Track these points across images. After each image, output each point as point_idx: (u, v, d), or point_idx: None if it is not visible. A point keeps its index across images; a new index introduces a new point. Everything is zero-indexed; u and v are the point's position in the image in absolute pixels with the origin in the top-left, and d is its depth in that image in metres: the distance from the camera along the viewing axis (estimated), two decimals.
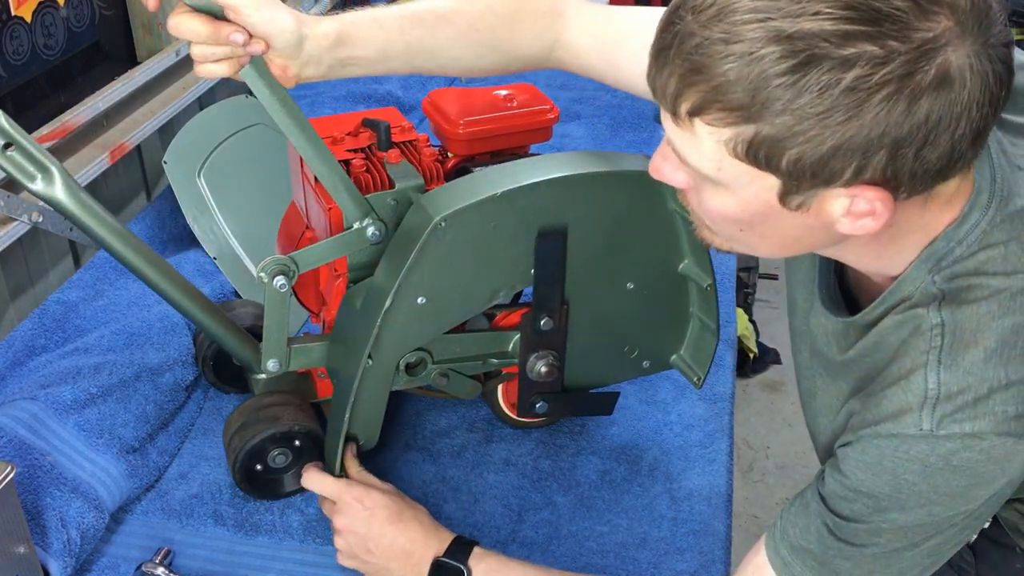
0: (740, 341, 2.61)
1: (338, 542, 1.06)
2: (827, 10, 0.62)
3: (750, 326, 2.73)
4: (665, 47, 0.69)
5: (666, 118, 0.72)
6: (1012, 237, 0.74)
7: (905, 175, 0.66)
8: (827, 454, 0.87)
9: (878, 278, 0.82)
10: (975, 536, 1.04)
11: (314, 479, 1.09)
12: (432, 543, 1.02)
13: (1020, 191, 0.75)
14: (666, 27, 0.69)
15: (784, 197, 0.70)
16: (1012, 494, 0.79)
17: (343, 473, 1.10)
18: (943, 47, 0.62)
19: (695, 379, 1.20)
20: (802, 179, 0.67)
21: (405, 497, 1.07)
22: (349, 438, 1.10)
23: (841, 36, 0.61)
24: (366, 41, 0.94)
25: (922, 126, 0.63)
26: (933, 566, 0.81)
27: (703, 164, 0.71)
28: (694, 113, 0.68)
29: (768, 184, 0.69)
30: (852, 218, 0.70)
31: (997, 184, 0.75)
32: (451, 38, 0.99)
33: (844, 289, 0.89)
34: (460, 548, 1.01)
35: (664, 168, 0.78)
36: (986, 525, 1.02)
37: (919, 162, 0.65)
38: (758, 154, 0.67)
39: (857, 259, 0.81)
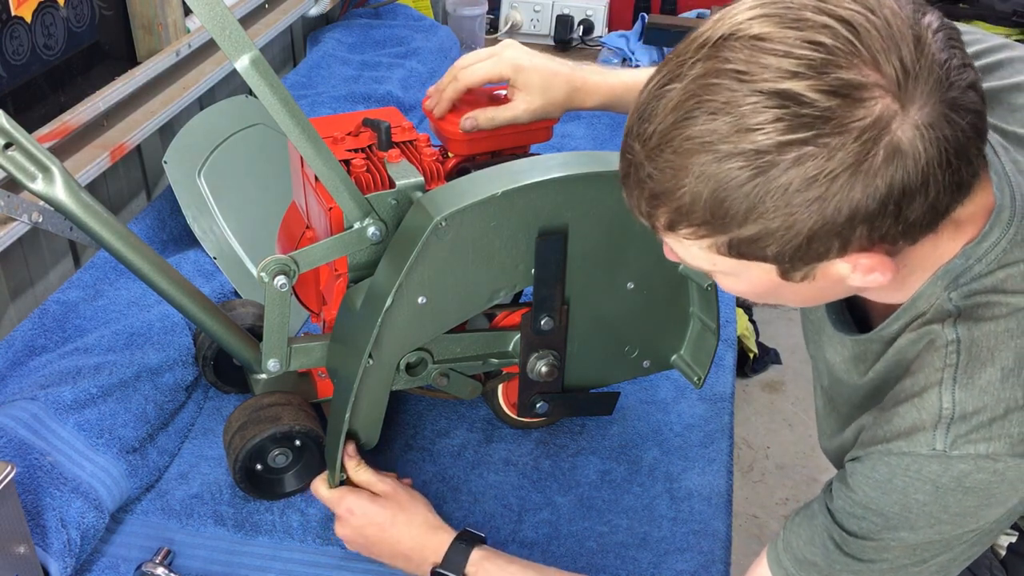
0: (740, 341, 2.61)
1: (348, 547, 1.08)
2: (760, 126, 0.63)
3: (750, 326, 2.73)
4: (625, 175, 0.72)
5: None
6: None
7: (893, 236, 0.67)
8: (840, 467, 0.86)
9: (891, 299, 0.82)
10: (1004, 551, 1.04)
11: (313, 487, 1.10)
12: (428, 550, 1.02)
13: None
14: (623, 154, 0.72)
15: (784, 275, 0.71)
16: None
17: (344, 474, 1.10)
18: (886, 127, 0.62)
19: (695, 379, 1.20)
20: (794, 263, 0.69)
21: (401, 493, 1.07)
22: (349, 437, 1.10)
23: (782, 146, 0.63)
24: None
25: (888, 199, 0.64)
26: None
27: (698, 263, 0.74)
28: (669, 229, 0.71)
29: (765, 269, 0.71)
30: (861, 273, 0.70)
31: (1018, 203, 0.74)
32: None
33: (854, 308, 0.89)
34: (458, 553, 1.01)
35: (674, 256, 0.80)
36: (1013, 539, 1.02)
37: (902, 224, 0.66)
38: (742, 251, 0.69)
39: (884, 295, 0.81)
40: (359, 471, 1.09)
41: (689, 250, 0.73)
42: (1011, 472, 0.71)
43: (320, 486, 1.09)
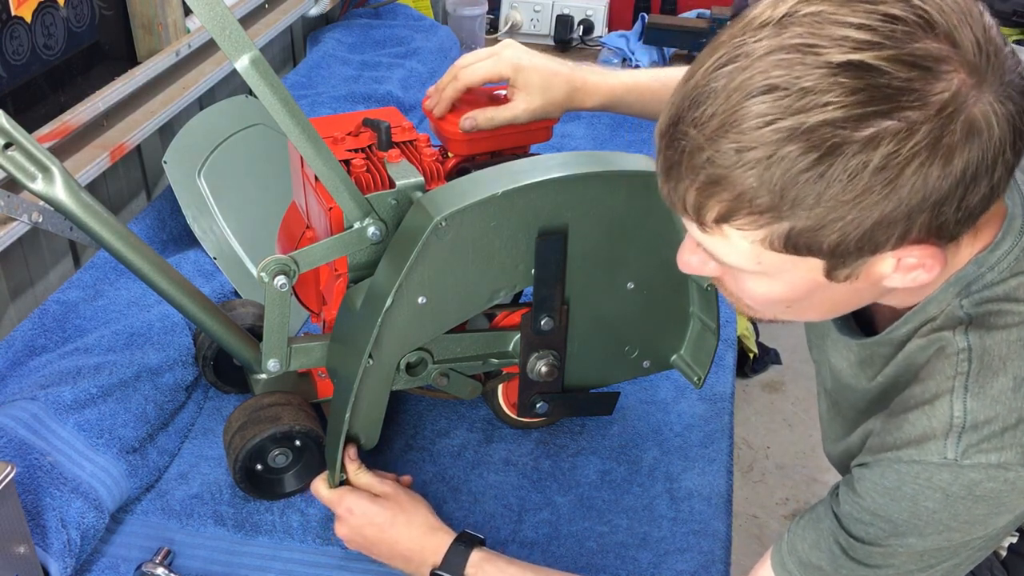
0: (740, 341, 2.61)
1: (347, 545, 1.08)
2: (835, 99, 0.60)
3: (750, 326, 2.73)
4: (675, 163, 0.68)
5: (689, 223, 0.71)
6: None
7: (950, 225, 0.65)
8: (843, 471, 0.86)
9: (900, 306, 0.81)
10: (1004, 551, 1.03)
11: (313, 488, 1.10)
12: (428, 552, 1.02)
13: None
14: (670, 143, 0.68)
15: (831, 273, 0.69)
16: None
17: (344, 474, 1.09)
18: (964, 102, 0.61)
19: (695, 379, 1.20)
20: (847, 256, 0.66)
21: (402, 494, 1.07)
22: (349, 438, 1.10)
23: (856, 120, 0.60)
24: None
25: (960, 181, 0.62)
26: None
27: (741, 261, 0.70)
28: (721, 220, 0.67)
29: (812, 265, 0.69)
30: (903, 272, 0.69)
31: None
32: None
33: (857, 312, 0.87)
34: (458, 554, 1.00)
35: (693, 262, 0.77)
36: (1014, 540, 1.01)
37: (962, 211, 0.64)
38: (797, 245, 0.66)
39: (900, 299, 0.79)
40: (359, 474, 1.09)
41: (736, 245, 0.68)
42: (1022, 481, 0.71)
43: (320, 486, 1.09)
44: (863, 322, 0.87)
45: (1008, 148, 0.63)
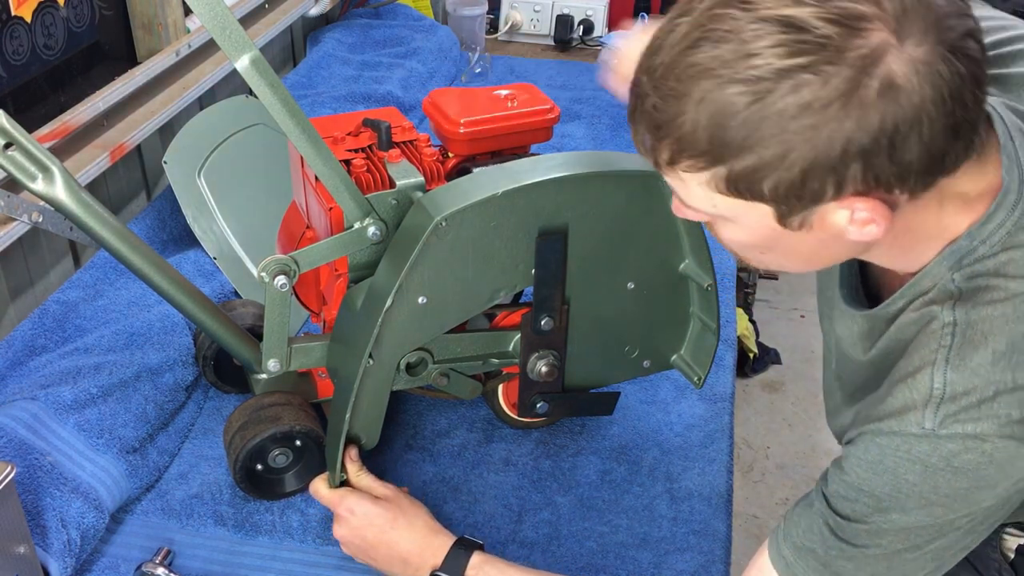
0: (740, 341, 2.61)
1: (343, 549, 1.07)
2: (763, 50, 0.65)
3: (750, 326, 2.73)
4: (632, 110, 0.73)
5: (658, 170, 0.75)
6: None
7: (890, 179, 0.67)
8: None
9: (903, 274, 0.82)
10: (1012, 553, 1.03)
11: (313, 488, 1.10)
12: (428, 553, 1.02)
13: None
14: (632, 90, 0.73)
15: (782, 220, 0.71)
16: None
17: (344, 474, 1.10)
18: (881, 58, 0.64)
19: (695, 379, 1.20)
20: (789, 202, 0.69)
21: (402, 498, 1.07)
22: (350, 439, 1.10)
23: (780, 71, 0.64)
24: None
25: (882, 134, 0.65)
26: (938, 571, 0.80)
27: (700, 204, 0.74)
28: (671, 163, 0.71)
29: (763, 211, 0.71)
30: (857, 226, 0.71)
31: None
32: None
33: (868, 286, 0.89)
34: (457, 558, 1.00)
35: (683, 208, 0.79)
36: (1022, 540, 1.02)
37: (898, 165, 0.66)
38: (739, 188, 0.69)
39: (889, 260, 0.81)
40: (360, 476, 1.09)
41: (690, 189, 0.73)
42: (999, 453, 0.72)
43: (320, 486, 1.09)
44: (873, 296, 0.88)
45: (932, 106, 0.65)
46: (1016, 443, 0.72)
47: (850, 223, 0.70)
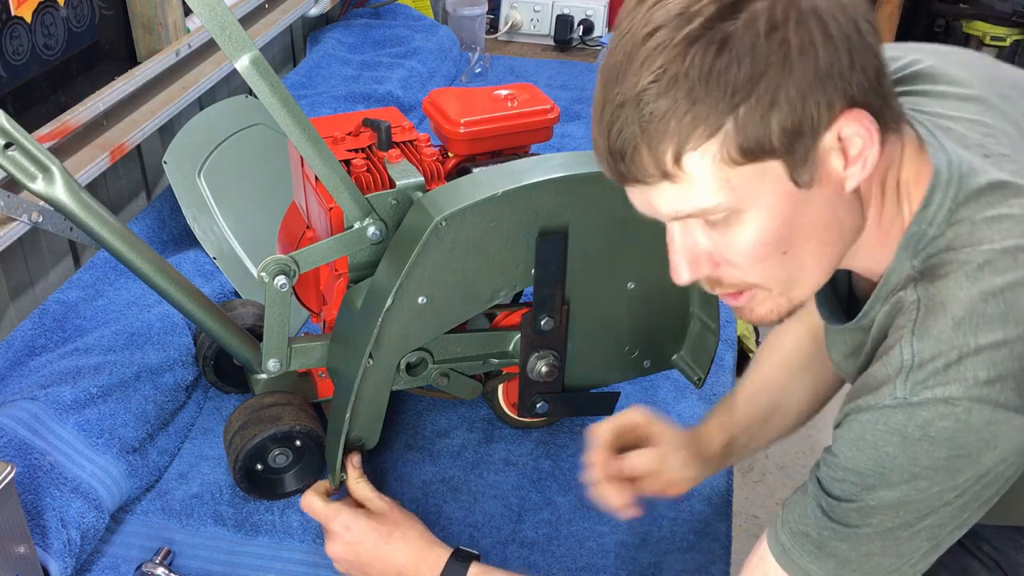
0: (740, 341, 2.60)
1: (336, 567, 1.06)
2: (705, 3, 0.68)
3: (750, 326, 2.73)
4: (621, 145, 0.73)
5: (660, 199, 0.75)
6: (976, 212, 0.77)
7: (863, 90, 0.71)
8: None
9: (878, 279, 0.84)
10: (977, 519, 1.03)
11: (305, 503, 1.08)
12: (425, 567, 1.01)
13: (977, 168, 0.78)
14: (606, 132, 0.74)
15: (794, 175, 0.72)
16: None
17: (344, 475, 1.09)
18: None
19: (695, 379, 1.20)
20: (796, 144, 0.70)
21: (397, 512, 1.05)
22: (351, 440, 1.10)
23: (729, 8, 0.68)
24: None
25: (840, 43, 0.69)
26: (935, 550, 0.81)
27: (716, 197, 0.73)
28: (679, 155, 0.71)
29: (776, 173, 0.72)
30: (855, 165, 0.73)
31: (954, 165, 0.78)
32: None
33: (855, 305, 0.91)
34: (455, 570, 0.99)
35: (686, 262, 0.79)
36: None
37: (862, 73, 0.70)
38: (749, 147, 0.70)
39: (866, 260, 0.83)
40: (359, 484, 1.08)
41: (704, 181, 0.72)
42: (974, 419, 0.72)
43: (313, 500, 1.07)
44: (852, 313, 0.90)
45: (855, 34, 0.71)
46: (990, 407, 0.72)
47: (846, 165, 0.73)
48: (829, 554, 0.81)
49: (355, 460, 1.09)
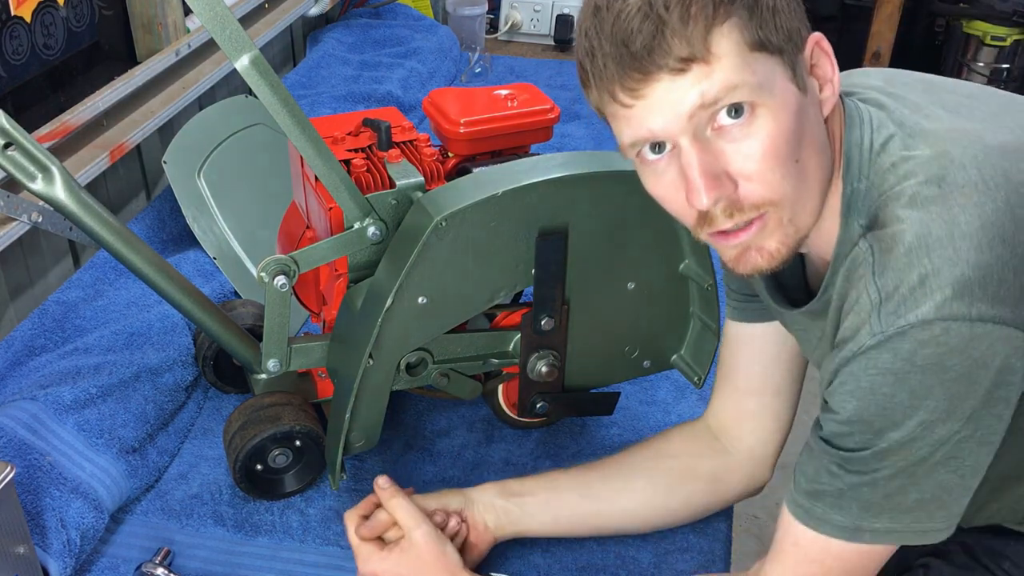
0: None
1: None
2: None
3: None
4: (632, 44, 0.75)
5: (684, 86, 0.76)
6: (897, 155, 0.81)
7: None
8: None
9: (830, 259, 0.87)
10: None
11: (348, 533, 1.06)
12: None
13: (884, 120, 0.83)
14: (611, 37, 0.76)
15: (794, 75, 0.78)
16: None
17: (344, 475, 1.09)
18: None
19: (695, 379, 1.20)
20: (790, 46, 0.77)
21: (432, 540, 1.01)
22: (350, 440, 1.10)
23: None
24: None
25: None
26: (960, 483, 0.80)
27: (743, 73, 0.75)
28: (708, 31, 0.74)
29: (782, 71, 0.77)
30: (826, 88, 0.81)
31: (865, 118, 0.83)
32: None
33: (812, 292, 0.92)
34: None
35: (707, 181, 0.78)
36: None
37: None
38: (759, 39, 0.75)
39: (819, 236, 0.86)
40: (396, 502, 1.04)
41: (730, 55, 0.75)
42: (952, 338, 0.73)
43: (351, 535, 1.05)
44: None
45: None
46: (966, 324, 0.73)
47: (820, 84, 0.80)
48: (851, 500, 0.82)
49: (381, 481, 1.06)
